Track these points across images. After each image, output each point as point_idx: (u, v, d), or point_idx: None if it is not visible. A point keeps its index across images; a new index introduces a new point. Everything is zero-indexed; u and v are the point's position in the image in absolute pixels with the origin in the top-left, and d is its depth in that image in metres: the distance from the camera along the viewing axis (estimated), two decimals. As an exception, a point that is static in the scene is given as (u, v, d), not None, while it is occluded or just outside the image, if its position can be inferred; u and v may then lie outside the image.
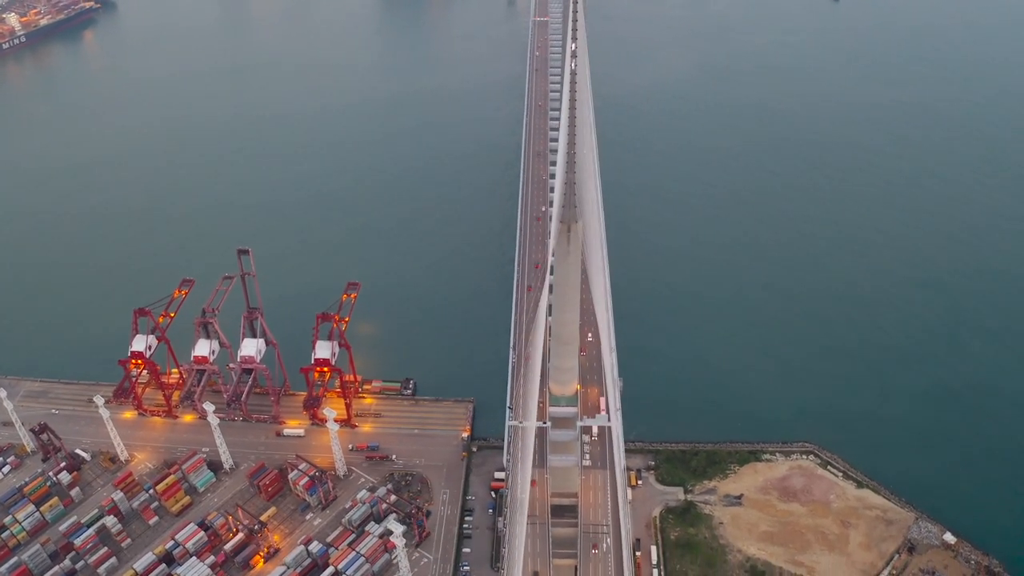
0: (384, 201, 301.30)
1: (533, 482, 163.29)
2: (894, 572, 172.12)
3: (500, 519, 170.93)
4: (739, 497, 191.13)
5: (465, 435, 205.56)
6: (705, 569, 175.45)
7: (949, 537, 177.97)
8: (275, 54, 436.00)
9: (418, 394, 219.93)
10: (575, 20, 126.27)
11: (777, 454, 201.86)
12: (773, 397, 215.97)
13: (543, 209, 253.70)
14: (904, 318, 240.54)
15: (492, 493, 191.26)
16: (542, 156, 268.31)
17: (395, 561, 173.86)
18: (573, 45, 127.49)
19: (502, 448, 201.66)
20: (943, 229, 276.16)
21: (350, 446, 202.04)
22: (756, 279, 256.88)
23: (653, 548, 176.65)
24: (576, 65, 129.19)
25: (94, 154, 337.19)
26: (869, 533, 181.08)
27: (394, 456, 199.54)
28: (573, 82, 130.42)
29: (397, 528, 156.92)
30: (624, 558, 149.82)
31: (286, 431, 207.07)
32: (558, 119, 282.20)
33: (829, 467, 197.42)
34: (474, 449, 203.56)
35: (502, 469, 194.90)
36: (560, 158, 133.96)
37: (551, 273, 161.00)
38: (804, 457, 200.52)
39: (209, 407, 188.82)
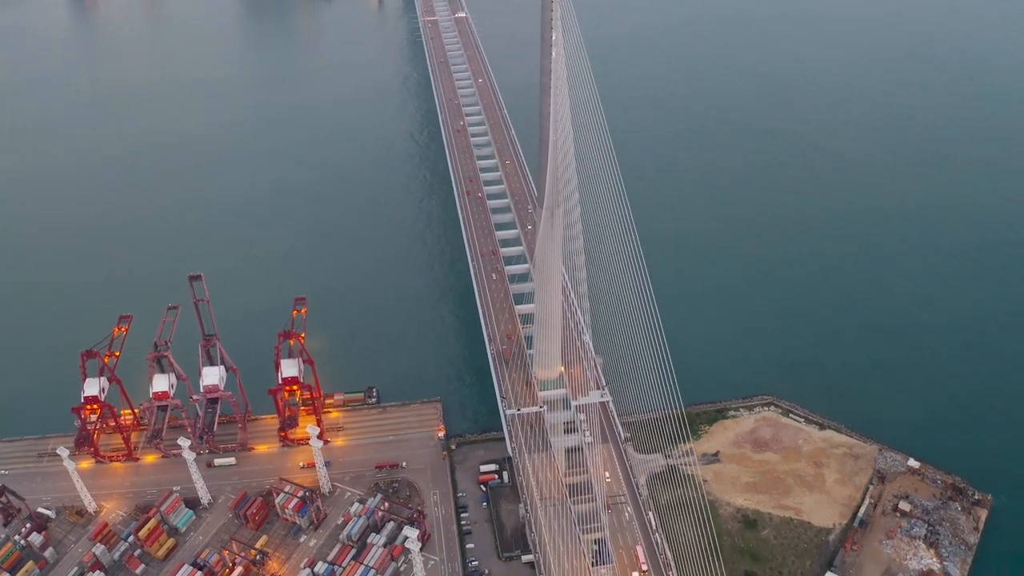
0: (308, 213, 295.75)
1: None
2: (872, 501, 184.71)
3: (521, 506, 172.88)
4: (716, 454, 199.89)
5: (441, 434, 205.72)
6: (700, 526, 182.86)
7: (913, 462, 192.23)
8: (148, 74, 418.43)
9: (383, 401, 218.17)
10: (554, 10, 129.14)
11: (741, 409, 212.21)
12: (728, 357, 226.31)
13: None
14: (834, 274, 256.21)
15: (482, 487, 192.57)
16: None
17: (402, 567, 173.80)
18: (553, 35, 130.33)
19: (481, 443, 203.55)
20: (866, 196, 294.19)
21: (301, 464, 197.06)
22: (700, 251, 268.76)
23: (650, 514, 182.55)
24: (555, 55, 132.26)
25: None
26: (841, 469, 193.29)
27: (403, 463, 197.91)
28: (552, 72, 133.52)
29: (412, 533, 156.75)
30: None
31: (217, 461, 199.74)
32: (474, 113, 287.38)
33: (791, 415, 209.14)
34: (452, 447, 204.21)
35: (487, 462, 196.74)
36: (551, 147, 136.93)
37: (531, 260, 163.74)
38: (766, 409, 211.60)
39: (184, 442, 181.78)
